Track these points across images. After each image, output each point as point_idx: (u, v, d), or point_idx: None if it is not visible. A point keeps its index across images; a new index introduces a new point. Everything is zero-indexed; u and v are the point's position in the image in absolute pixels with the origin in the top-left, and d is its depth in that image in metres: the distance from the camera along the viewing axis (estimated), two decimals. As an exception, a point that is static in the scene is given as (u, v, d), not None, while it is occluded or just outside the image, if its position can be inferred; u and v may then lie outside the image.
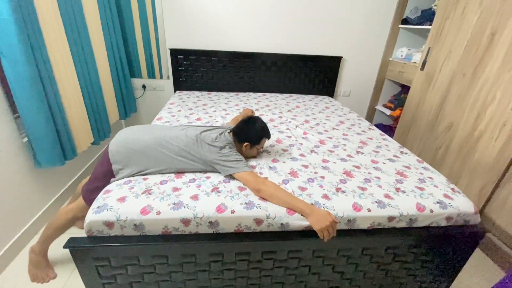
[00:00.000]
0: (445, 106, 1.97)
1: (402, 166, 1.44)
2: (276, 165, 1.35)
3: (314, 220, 0.99)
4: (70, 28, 1.70)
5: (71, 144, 1.71)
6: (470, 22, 1.78)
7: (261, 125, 1.36)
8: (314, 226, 0.99)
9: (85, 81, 1.87)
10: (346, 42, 2.71)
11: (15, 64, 1.32)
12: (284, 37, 2.63)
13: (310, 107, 2.43)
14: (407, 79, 2.48)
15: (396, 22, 2.62)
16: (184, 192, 1.10)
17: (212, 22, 2.51)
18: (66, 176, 1.92)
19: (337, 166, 1.39)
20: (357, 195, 1.15)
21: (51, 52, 1.53)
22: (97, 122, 2.05)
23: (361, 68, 2.85)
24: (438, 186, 1.27)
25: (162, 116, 1.97)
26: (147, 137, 1.22)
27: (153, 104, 2.81)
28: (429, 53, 2.12)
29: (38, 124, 1.46)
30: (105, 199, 1.05)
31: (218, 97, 2.54)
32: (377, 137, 1.82)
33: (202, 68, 2.65)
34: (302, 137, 1.75)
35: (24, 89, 1.37)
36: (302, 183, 1.21)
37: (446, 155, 1.95)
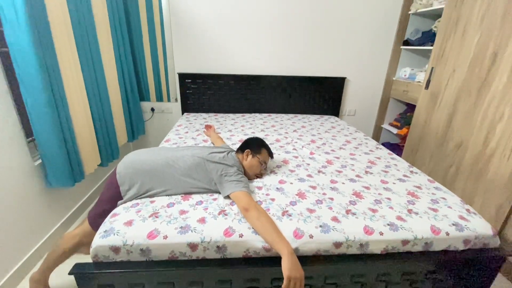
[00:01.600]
0: (453, 124, 1.95)
1: (413, 186, 1.40)
2: (283, 186, 1.34)
3: (289, 265, 0.90)
4: (84, 56, 1.79)
5: (80, 166, 1.74)
6: (472, 42, 1.81)
7: (261, 139, 1.48)
8: (284, 270, 0.90)
9: (96, 105, 1.94)
10: (349, 63, 2.77)
11: (33, 91, 1.39)
12: (288, 59, 2.71)
13: (315, 127, 2.44)
14: (412, 98, 2.49)
15: (398, 43, 2.69)
16: (191, 215, 1.09)
17: (218, 47, 2.61)
18: (73, 199, 1.93)
19: (346, 187, 1.36)
20: (368, 218, 1.12)
21: (66, 79, 1.60)
22: (106, 144, 2.09)
23: (365, 88, 2.89)
24: (452, 207, 1.22)
25: (169, 138, 2.00)
26: (154, 158, 1.24)
27: (161, 126, 2.86)
28: (433, 73, 2.14)
29: (51, 146, 1.50)
30: (112, 222, 1.04)
31: (224, 119, 2.58)
32: (385, 156, 1.80)
33: (209, 91, 2.72)
34: (309, 157, 1.74)
35: (40, 114, 1.43)
36: (310, 205, 1.19)
37: (457, 174, 1.91)
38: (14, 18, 1.26)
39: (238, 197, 1.11)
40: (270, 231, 0.98)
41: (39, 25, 1.38)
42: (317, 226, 1.05)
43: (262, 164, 1.40)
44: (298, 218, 1.09)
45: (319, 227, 1.05)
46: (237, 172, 1.24)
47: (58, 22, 1.53)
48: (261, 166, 1.39)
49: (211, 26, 2.53)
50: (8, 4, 1.23)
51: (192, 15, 2.49)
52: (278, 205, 1.18)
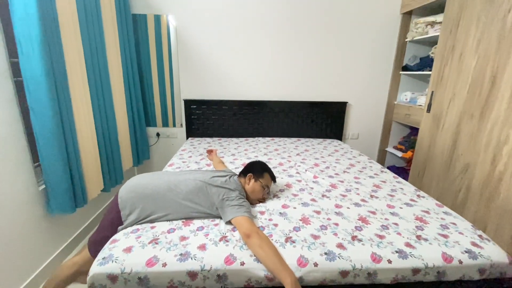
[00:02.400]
0: (458, 147, 1.93)
1: (421, 211, 1.36)
2: (286, 211, 1.31)
3: None
4: (94, 84, 1.88)
5: (83, 192, 1.74)
6: (469, 67, 1.85)
7: (263, 162, 1.48)
8: None
9: (103, 131, 1.98)
10: (350, 88, 2.83)
11: (42, 118, 1.43)
12: (290, 85, 2.79)
13: (319, 150, 2.44)
14: (415, 121, 2.50)
15: (397, 69, 2.76)
16: (192, 241, 1.06)
17: (222, 73, 2.72)
18: (74, 225, 1.91)
19: (351, 212, 1.33)
20: (375, 244, 1.07)
21: (75, 106, 1.66)
22: (110, 169, 2.11)
23: (367, 111, 2.92)
24: (463, 232, 1.17)
25: (173, 162, 2.01)
26: (156, 182, 1.24)
27: (166, 151, 2.89)
28: (433, 96, 2.17)
29: (56, 172, 1.51)
30: (111, 249, 1.02)
31: (228, 143, 2.60)
32: (390, 180, 1.77)
33: (214, 116, 2.78)
34: (313, 181, 1.72)
35: (47, 140, 1.46)
36: (314, 231, 1.15)
37: (467, 199, 1.85)
38: (31, 51, 1.34)
39: (240, 222, 1.09)
40: (272, 259, 0.94)
41: (54, 56, 1.47)
42: (322, 254, 1.01)
43: (265, 189, 1.38)
44: (302, 245, 1.05)
45: (324, 254, 1.01)
46: (239, 196, 1.23)
47: (72, 53, 1.63)
48: (263, 190, 1.38)
49: (215, 54, 2.66)
50: (26, 38, 1.32)
51: (197, 44, 2.63)
52: (281, 231, 1.15)
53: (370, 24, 2.66)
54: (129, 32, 2.40)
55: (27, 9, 1.30)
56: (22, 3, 1.29)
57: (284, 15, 2.60)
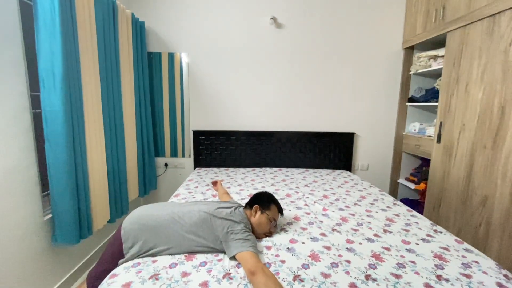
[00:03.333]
0: (473, 178, 1.86)
1: (440, 248, 1.26)
2: (294, 246, 1.24)
3: None
4: (108, 117, 1.96)
5: (88, 223, 1.72)
6: (476, 98, 1.85)
7: (270, 194, 1.45)
8: None
9: (112, 161, 2.02)
10: (357, 119, 2.85)
11: (56, 148, 1.49)
12: (297, 116, 2.84)
13: (327, 181, 2.38)
14: (425, 152, 2.44)
15: (403, 100, 2.78)
16: (194, 278, 1.00)
17: (231, 105, 2.81)
18: (78, 256, 1.86)
19: (363, 248, 1.25)
20: (392, 285, 0.99)
21: (89, 138, 1.72)
22: (117, 199, 2.10)
23: (375, 142, 2.90)
24: (487, 272, 1.07)
25: (179, 192, 1.99)
26: (160, 213, 1.22)
27: (173, 181, 2.89)
28: (442, 127, 2.15)
29: (63, 202, 1.53)
30: (109, 284, 0.97)
31: (235, 173, 2.59)
32: (404, 213, 1.69)
33: (221, 146, 2.81)
34: (322, 213, 1.65)
35: (59, 170, 1.50)
36: (325, 269, 1.08)
37: (488, 234, 1.72)
38: (52, 86, 1.44)
39: (244, 258, 1.03)
40: None
41: (73, 91, 1.56)
42: (333, 294, 0.93)
43: (272, 221, 1.33)
44: (311, 284, 0.98)
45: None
46: (244, 229, 1.18)
47: (90, 88, 1.73)
48: (270, 223, 1.32)
49: (224, 87, 2.77)
50: (49, 74, 1.43)
51: (207, 78, 2.76)
52: (289, 268, 1.08)
53: (374, 58, 2.76)
54: (144, 68, 2.55)
55: (52, 47, 1.42)
56: (48, 43, 1.41)
57: (291, 50, 2.73)
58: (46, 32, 1.40)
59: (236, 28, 2.70)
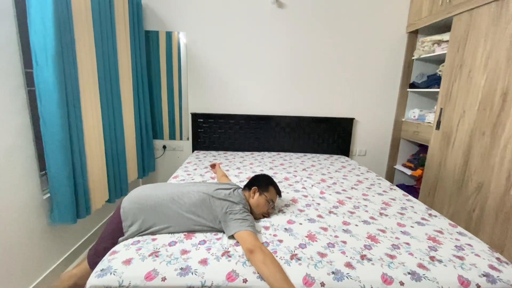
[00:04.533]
0: (470, 165, 1.88)
1: (434, 231, 1.29)
2: (292, 227, 1.26)
3: None
4: (105, 96, 1.92)
5: (87, 202, 1.72)
6: (479, 85, 1.83)
7: (268, 176, 1.45)
8: None
9: (110, 142, 2.00)
10: (357, 104, 2.83)
11: (51, 126, 1.45)
12: (297, 101, 2.80)
13: (325, 166, 2.40)
14: (424, 139, 2.45)
15: (404, 86, 2.75)
16: (193, 255, 1.02)
17: (230, 89, 2.76)
18: (77, 235, 1.88)
19: (359, 230, 1.27)
20: (386, 264, 1.02)
21: (85, 117, 1.69)
22: (116, 181, 2.10)
23: (374, 128, 2.89)
24: (480, 255, 1.10)
25: (178, 174, 2.00)
26: (159, 193, 1.22)
27: (172, 163, 2.89)
28: (442, 114, 2.14)
29: (61, 181, 1.51)
30: (110, 261, 0.99)
31: (233, 157, 2.59)
32: (400, 197, 1.71)
33: (220, 130, 2.79)
34: (319, 196, 1.67)
35: (55, 149, 1.47)
36: (321, 248, 1.10)
37: (482, 219, 1.76)
38: (44, 61, 1.39)
39: (243, 237, 1.05)
40: (276, 276, 0.89)
41: (67, 68, 1.51)
42: (329, 273, 0.96)
43: (270, 203, 1.35)
44: (308, 263, 1.00)
45: (331, 273, 0.95)
46: (243, 210, 1.19)
47: (85, 65, 1.68)
48: (268, 204, 1.34)
49: (223, 69, 2.71)
50: (41, 49, 1.37)
51: (206, 59, 2.69)
52: (286, 247, 1.10)
53: (377, 42, 2.70)
54: (141, 47, 2.48)
55: (45, 21, 1.36)
56: (39, 15, 1.35)
57: (293, 32, 2.66)
58: (37, 3, 1.34)
59: (236, 7, 2.60)
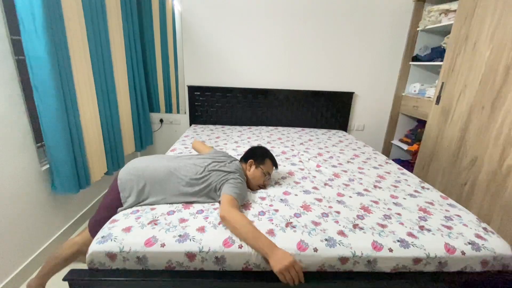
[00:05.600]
0: (466, 140, 1.88)
1: (425, 202, 1.33)
2: (287, 198, 1.30)
3: (273, 262, 0.88)
4: (97, 64, 1.86)
5: (86, 173, 1.74)
6: (483, 57, 1.78)
7: (265, 148, 1.47)
8: (273, 268, 0.88)
9: (105, 114, 1.98)
10: (357, 78, 2.77)
11: (46, 97, 1.43)
12: (296, 74, 2.74)
13: (323, 140, 2.40)
14: (422, 114, 2.44)
15: (407, 59, 2.68)
16: (191, 223, 1.05)
17: (227, 61, 2.67)
18: (77, 206, 1.93)
19: (353, 201, 1.31)
20: (377, 233, 1.06)
21: (78, 87, 1.65)
22: (113, 153, 2.11)
23: (374, 103, 2.86)
24: (467, 224, 1.15)
25: (175, 147, 2.00)
26: (156, 165, 1.23)
27: (169, 137, 2.89)
28: (443, 88, 2.11)
29: (60, 152, 1.52)
30: (110, 228, 1.02)
31: (231, 131, 2.58)
32: (395, 171, 1.74)
33: (217, 103, 2.75)
34: (315, 170, 1.70)
35: (51, 120, 1.46)
36: (315, 218, 1.14)
37: (473, 192, 1.81)
38: (32, 28, 1.32)
39: (222, 201, 1.08)
40: (245, 238, 0.95)
41: (56, 34, 1.44)
42: (322, 240, 1.00)
43: (266, 175, 1.37)
44: (302, 230, 1.04)
45: (324, 240, 0.99)
46: (238, 178, 1.21)
47: (74, 31, 1.60)
48: (264, 177, 1.36)
49: (220, 40, 2.61)
50: (28, 15, 1.30)
51: (202, 29, 2.57)
52: (282, 216, 1.14)
53: (381, 11, 2.57)
54: (133, 15, 2.36)
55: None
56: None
57: (293, 2, 2.52)
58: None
59: (234, -29, 2.44)
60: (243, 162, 1.39)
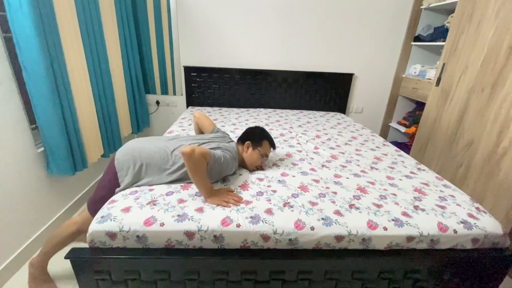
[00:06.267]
0: (464, 122, 1.89)
1: (420, 183, 1.35)
2: (285, 179, 1.31)
3: (210, 200, 1.06)
4: (88, 45, 1.79)
5: (82, 155, 1.73)
6: (486, 37, 1.74)
7: (262, 129, 1.44)
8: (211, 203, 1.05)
9: (99, 95, 1.93)
10: (358, 59, 2.71)
11: (36, 77, 1.38)
12: (295, 54, 2.67)
13: (321, 122, 2.39)
14: (422, 96, 2.42)
15: (408, 39, 2.61)
16: (190, 204, 1.06)
17: (224, 40, 2.59)
18: (76, 188, 1.94)
19: (350, 182, 1.32)
20: (372, 212, 1.08)
21: (70, 66, 1.60)
22: (109, 135, 2.09)
23: (373, 85, 2.82)
24: (461, 204, 1.17)
25: (173, 130, 1.98)
26: (153, 146, 1.23)
27: (166, 119, 2.86)
28: (444, 69, 2.07)
29: (54, 134, 1.50)
30: (109, 209, 1.03)
31: (229, 113, 2.56)
32: (392, 153, 1.75)
33: (214, 85, 2.70)
34: (313, 151, 1.70)
35: (42, 101, 1.43)
36: (312, 198, 1.15)
37: (467, 174, 1.84)
38: (18, 4, 1.25)
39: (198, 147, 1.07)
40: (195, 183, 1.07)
41: (43, 11, 1.37)
42: (319, 219, 1.02)
43: (263, 157, 1.37)
44: (300, 210, 1.06)
45: (321, 219, 1.02)
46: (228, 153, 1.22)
47: (63, 9, 1.53)
48: (262, 158, 1.36)
49: (217, 19, 2.51)
50: (12, -12, 1.23)
51: (198, 8, 2.47)
52: (280, 196, 1.15)
53: (384, -12, 2.48)
54: (125, -11, 2.24)
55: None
56: None
57: (292, -25, 2.41)
58: None
59: None
60: (239, 143, 1.38)
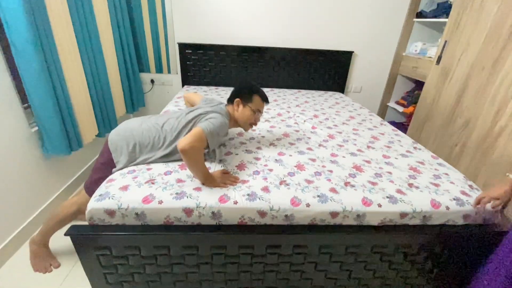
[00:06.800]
0: (462, 101, 1.87)
1: (416, 162, 1.37)
2: (282, 158, 1.31)
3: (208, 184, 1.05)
4: (78, 21, 1.71)
5: (77, 135, 1.72)
6: (489, 14, 1.69)
7: (251, 83, 1.33)
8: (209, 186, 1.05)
9: (92, 74, 1.88)
10: (358, 36, 2.63)
11: (25, 54, 1.34)
12: (293, 31, 2.58)
13: (319, 102, 2.37)
14: (421, 75, 2.38)
15: (411, 15, 2.53)
16: (188, 184, 1.07)
17: (220, 16, 2.49)
18: (73, 168, 1.94)
19: (346, 161, 1.33)
20: (367, 190, 1.10)
21: (59, 43, 1.54)
22: (103, 114, 2.06)
23: (373, 63, 2.77)
24: (454, 182, 1.20)
25: (168, 109, 1.95)
26: (144, 125, 1.21)
27: (161, 99, 2.81)
28: (446, 47, 2.03)
29: (46, 113, 1.48)
30: (107, 187, 1.03)
31: (225, 92, 2.51)
32: (389, 132, 1.75)
33: (210, 63, 2.63)
34: (311, 131, 1.70)
35: (33, 79, 1.39)
36: (309, 176, 1.17)
37: (462, 153, 1.86)
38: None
39: (190, 132, 1.05)
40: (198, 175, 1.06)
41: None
42: (314, 196, 1.03)
43: (256, 113, 1.29)
44: (296, 188, 1.07)
45: (316, 197, 1.03)
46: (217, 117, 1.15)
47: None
48: (254, 115, 1.28)
49: (212, -8, 2.40)
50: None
51: (192, -21, 2.34)
52: (276, 175, 1.16)
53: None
54: (114, -40, 2.11)
55: None
56: None
57: None
58: None
59: None
60: (229, 105, 1.31)
